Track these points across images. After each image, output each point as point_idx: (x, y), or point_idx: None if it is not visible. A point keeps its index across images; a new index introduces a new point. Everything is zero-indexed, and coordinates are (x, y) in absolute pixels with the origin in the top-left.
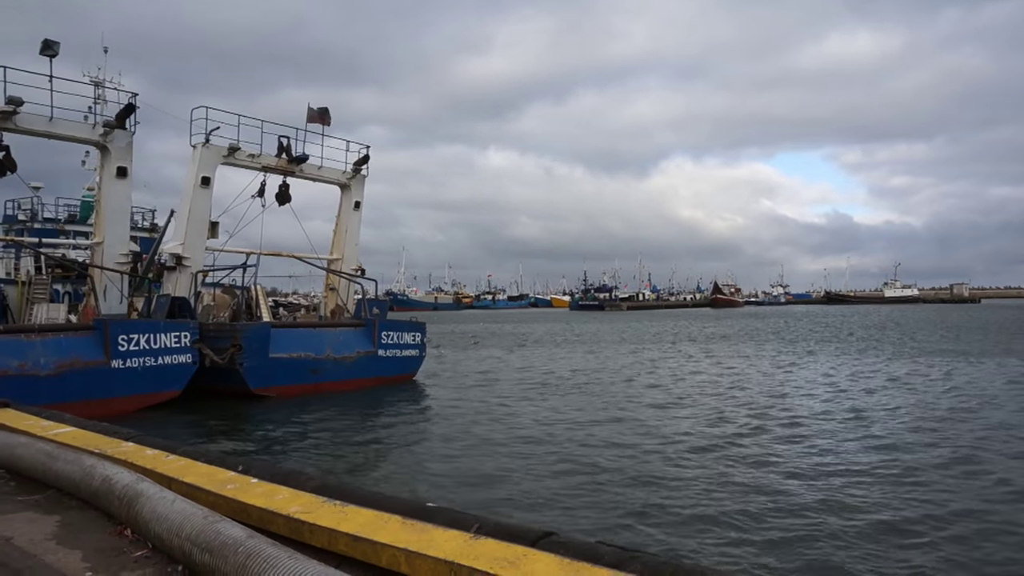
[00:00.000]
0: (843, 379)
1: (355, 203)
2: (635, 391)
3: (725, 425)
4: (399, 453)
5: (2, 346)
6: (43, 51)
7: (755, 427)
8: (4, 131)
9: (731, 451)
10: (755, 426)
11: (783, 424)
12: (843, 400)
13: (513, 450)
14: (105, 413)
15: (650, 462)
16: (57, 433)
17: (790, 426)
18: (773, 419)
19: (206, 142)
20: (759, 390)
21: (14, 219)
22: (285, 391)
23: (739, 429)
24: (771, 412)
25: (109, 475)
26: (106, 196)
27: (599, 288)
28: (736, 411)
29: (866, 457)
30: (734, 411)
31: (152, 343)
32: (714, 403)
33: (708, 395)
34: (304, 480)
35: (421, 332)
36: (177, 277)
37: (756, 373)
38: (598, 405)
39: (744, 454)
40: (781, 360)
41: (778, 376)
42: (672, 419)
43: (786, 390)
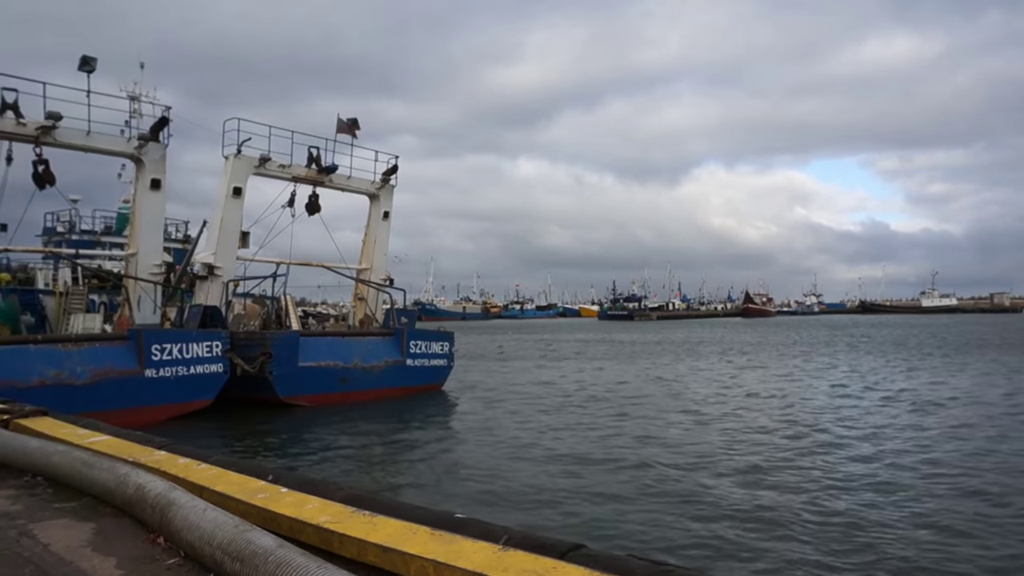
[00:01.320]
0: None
1: (384, 213)
2: (678, 405)
3: (786, 442)
4: (427, 463)
5: (40, 355)
6: (81, 67)
7: (825, 443)
8: (44, 145)
9: (778, 473)
10: (825, 442)
11: (859, 445)
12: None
13: (542, 463)
14: (138, 422)
15: (689, 479)
16: (93, 441)
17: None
18: (849, 438)
19: (238, 153)
20: (825, 409)
21: (53, 231)
22: (314, 400)
23: (800, 445)
24: (846, 435)
25: (142, 483)
26: (140, 208)
27: (628, 298)
28: (794, 426)
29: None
30: (787, 424)
31: (184, 352)
32: (767, 419)
33: (759, 410)
34: (333, 490)
35: (449, 342)
36: (209, 287)
37: (831, 395)
38: (634, 418)
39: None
40: (869, 378)
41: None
42: (713, 435)
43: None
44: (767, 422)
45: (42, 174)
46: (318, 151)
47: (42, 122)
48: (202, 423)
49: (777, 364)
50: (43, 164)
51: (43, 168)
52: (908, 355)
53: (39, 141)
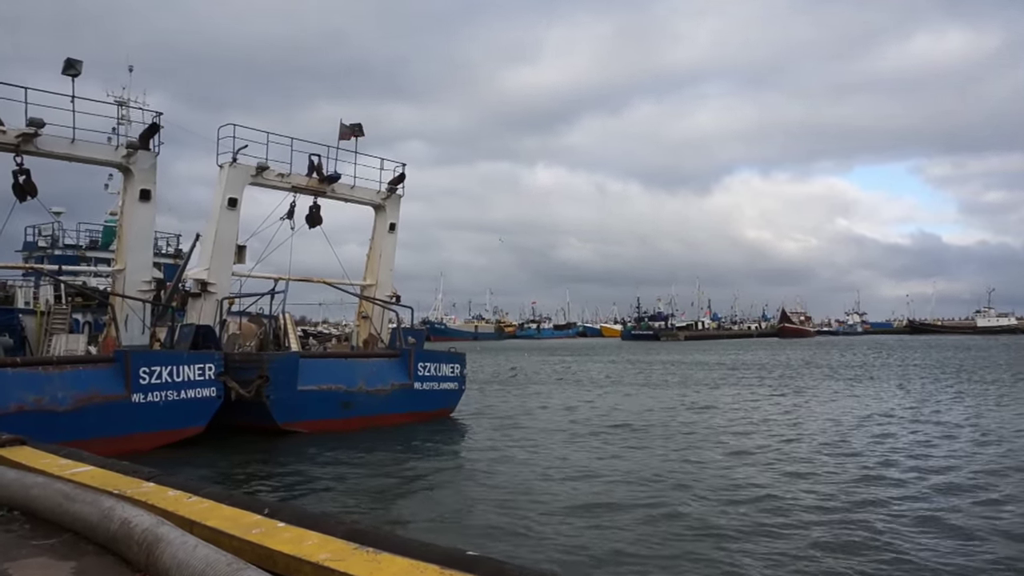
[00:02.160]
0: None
1: (390, 225)
2: (716, 438)
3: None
4: (436, 496)
5: (19, 379)
6: (66, 70)
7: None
8: (25, 154)
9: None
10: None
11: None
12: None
13: (560, 498)
14: (125, 450)
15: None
16: (75, 472)
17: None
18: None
19: (233, 161)
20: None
21: (34, 246)
22: (314, 426)
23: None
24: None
25: (128, 518)
26: (128, 220)
27: (653, 316)
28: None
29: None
30: (854, 467)
31: (175, 376)
32: (824, 457)
33: (813, 447)
34: (334, 525)
35: (460, 364)
36: (202, 305)
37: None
38: (665, 452)
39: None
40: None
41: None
42: (759, 474)
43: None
44: (825, 461)
45: (23, 185)
46: (319, 159)
47: (23, 129)
48: (194, 452)
49: (827, 391)
50: (24, 174)
51: (24, 178)
52: (978, 382)
53: (20, 150)
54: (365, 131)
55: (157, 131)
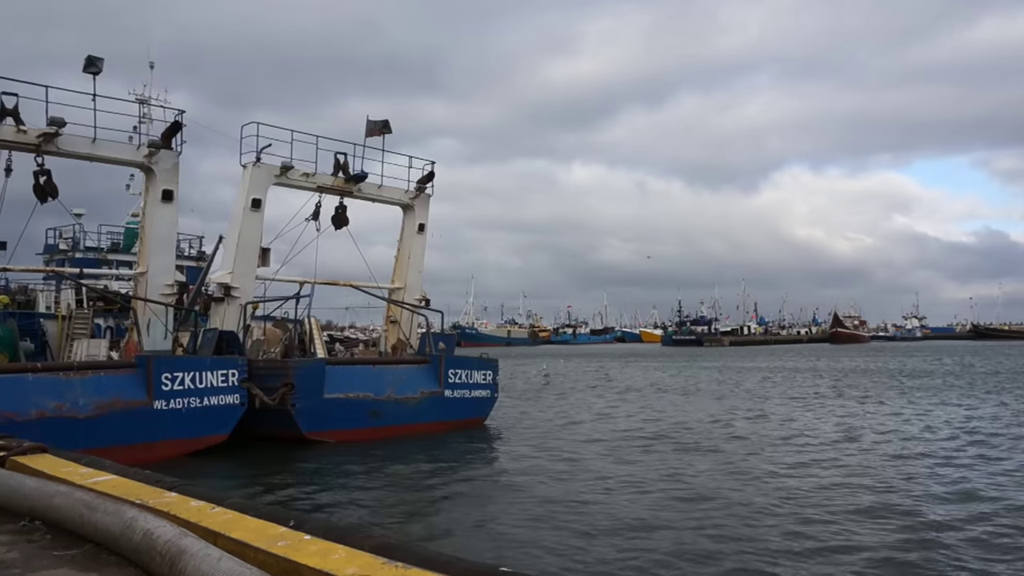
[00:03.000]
0: None
1: (419, 225)
2: (780, 454)
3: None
4: (468, 509)
5: (40, 385)
6: (87, 68)
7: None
8: (46, 154)
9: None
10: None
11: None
12: None
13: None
14: (146, 459)
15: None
16: (97, 481)
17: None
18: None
19: (257, 161)
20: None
21: (55, 248)
22: (341, 436)
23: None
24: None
25: (151, 529)
26: (150, 222)
27: (696, 320)
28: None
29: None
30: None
31: (197, 382)
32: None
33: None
34: (362, 538)
35: (493, 370)
36: (225, 309)
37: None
38: (710, 467)
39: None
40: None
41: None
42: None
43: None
44: (896, 481)
45: (43, 186)
46: (345, 157)
47: (44, 129)
48: (216, 461)
49: (899, 401)
50: (45, 175)
51: (44, 179)
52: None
53: (40, 150)
54: (396, 128)
55: (179, 130)
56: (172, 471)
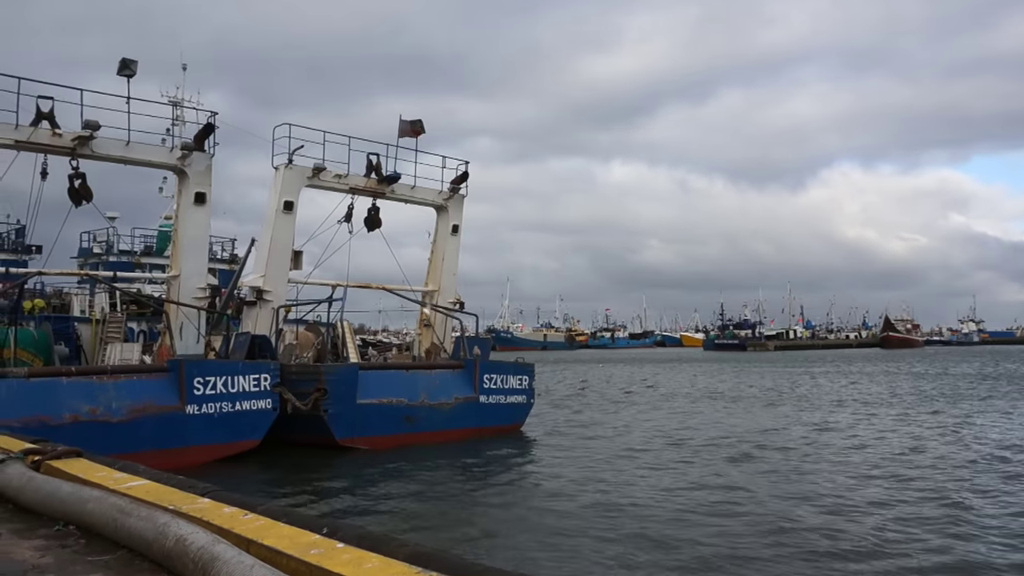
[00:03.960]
0: None
1: (453, 227)
2: (851, 468)
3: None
4: (504, 519)
5: (74, 389)
6: (121, 71)
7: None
8: (80, 157)
9: None
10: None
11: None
12: None
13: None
14: (178, 464)
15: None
16: (130, 486)
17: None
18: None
19: (289, 163)
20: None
21: (89, 252)
22: (374, 442)
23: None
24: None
25: (184, 535)
26: (183, 225)
27: (739, 324)
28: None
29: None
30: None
31: (229, 387)
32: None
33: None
34: (396, 546)
35: (529, 375)
36: (257, 313)
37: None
38: (764, 483)
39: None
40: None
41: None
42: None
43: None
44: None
45: (78, 189)
46: (378, 158)
47: (79, 132)
48: (248, 467)
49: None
50: (79, 178)
51: (79, 183)
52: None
53: (75, 153)
54: (429, 128)
55: (212, 131)
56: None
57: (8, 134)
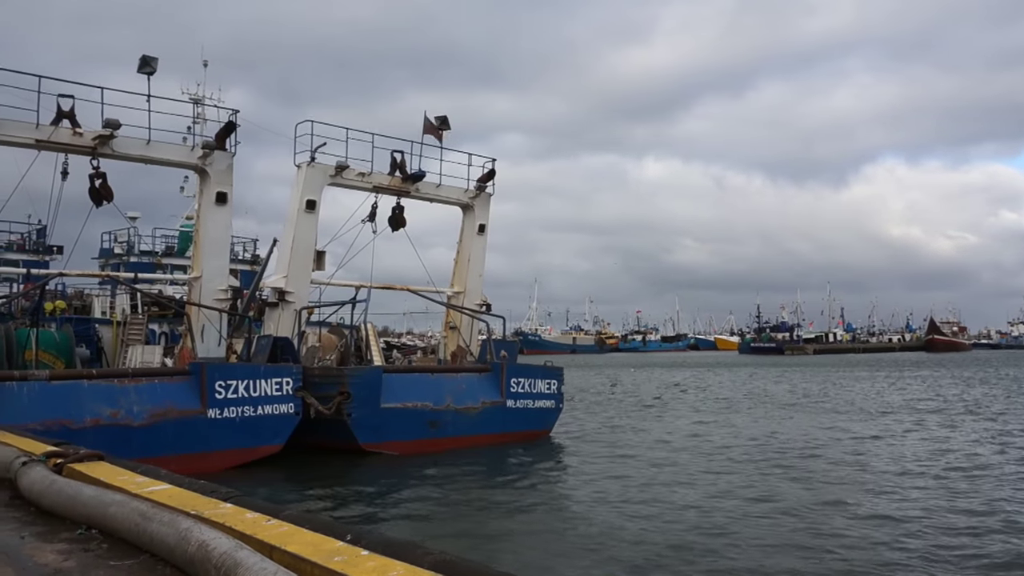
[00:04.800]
0: None
1: (479, 226)
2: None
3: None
4: (532, 528)
5: (95, 392)
6: (141, 69)
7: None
8: (101, 157)
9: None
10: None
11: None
12: None
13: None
14: (199, 469)
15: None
16: (152, 491)
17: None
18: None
19: (311, 161)
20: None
21: (110, 252)
22: (399, 447)
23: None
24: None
25: (206, 540)
26: (204, 225)
27: (776, 326)
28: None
29: None
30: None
31: (251, 390)
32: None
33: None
34: (421, 554)
35: (558, 380)
36: (279, 314)
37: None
38: (805, 500)
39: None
40: None
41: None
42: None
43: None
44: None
45: (99, 189)
46: (402, 156)
47: (99, 131)
48: (270, 471)
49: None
50: (100, 178)
51: (100, 182)
52: None
53: (96, 152)
54: (457, 124)
55: (233, 130)
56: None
57: (29, 133)
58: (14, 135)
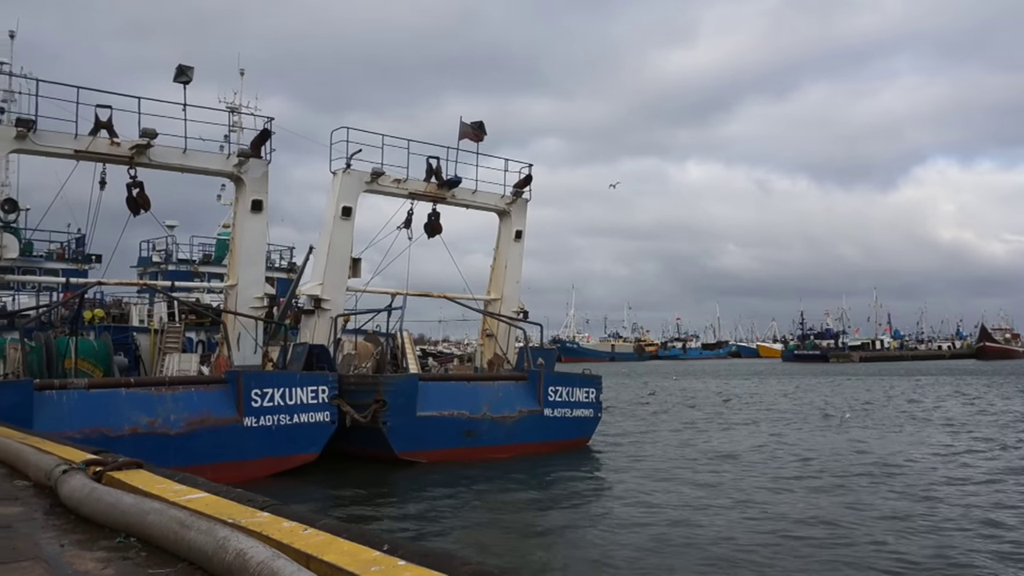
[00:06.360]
0: None
1: (516, 232)
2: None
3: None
4: (569, 539)
5: (133, 400)
6: (177, 78)
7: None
8: (138, 166)
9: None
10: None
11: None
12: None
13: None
14: (236, 477)
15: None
16: (190, 499)
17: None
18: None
19: (347, 168)
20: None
21: (148, 261)
22: (434, 456)
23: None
24: None
25: (243, 549)
26: (240, 233)
27: (820, 333)
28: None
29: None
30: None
31: (287, 399)
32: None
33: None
34: (459, 565)
35: (596, 387)
36: (315, 322)
37: None
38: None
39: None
40: None
41: None
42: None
43: None
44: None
45: (136, 198)
46: (438, 162)
47: (136, 141)
48: (306, 480)
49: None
50: (137, 187)
51: (137, 191)
52: None
53: (133, 162)
54: (496, 128)
55: (269, 138)
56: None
57: (68, 144)
58: (54, 145)
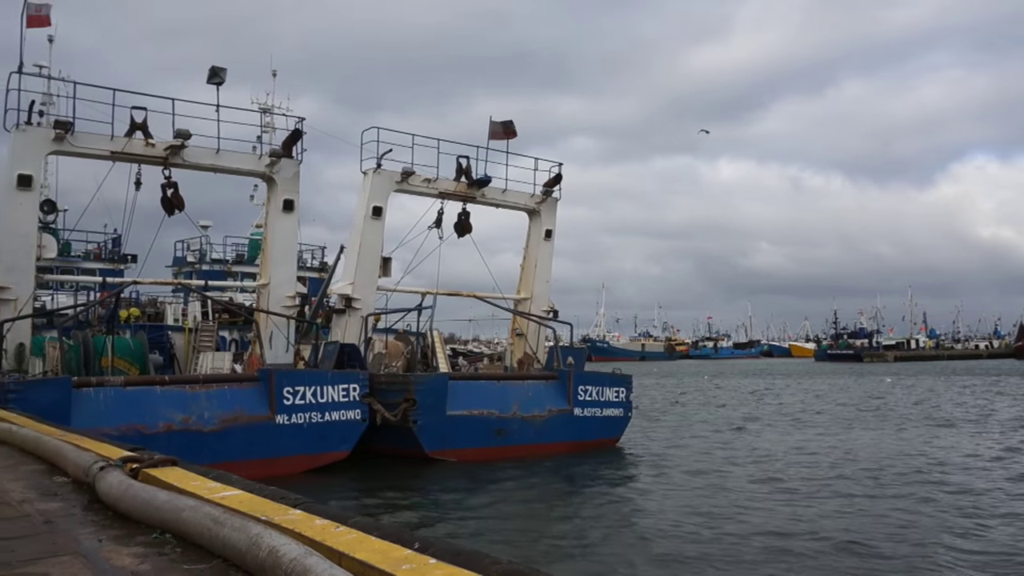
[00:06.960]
0: None
1: (546, 232)
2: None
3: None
4: (599, 539)
5: (167, 398)
6: (210, 79)
7: None
8: (172, 166)
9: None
10: None
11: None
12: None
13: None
14: (268, 475)
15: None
16: (224, 496)
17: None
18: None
19: (377, 167)
20: None
21: (183, 260)
22: (464, 455)
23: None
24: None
25: (276, 547)
26: (272, 233)
27: (854, 333)
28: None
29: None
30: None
31: (319, 397)
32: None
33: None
34: (489, 564)
35: (626, 387)
36: (346, 321)
37: None
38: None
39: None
40: None
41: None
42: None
43: None
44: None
45: (171, 198)
46: (468, 161)
47: (171, 142)
48: (337, 478)
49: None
50: (172, 187)
51: (172, 192)
52: None
53: (168, 162)
54: (526, 127)
55: (300, 138)
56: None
57: (104, 145)
58: (91, 147)
